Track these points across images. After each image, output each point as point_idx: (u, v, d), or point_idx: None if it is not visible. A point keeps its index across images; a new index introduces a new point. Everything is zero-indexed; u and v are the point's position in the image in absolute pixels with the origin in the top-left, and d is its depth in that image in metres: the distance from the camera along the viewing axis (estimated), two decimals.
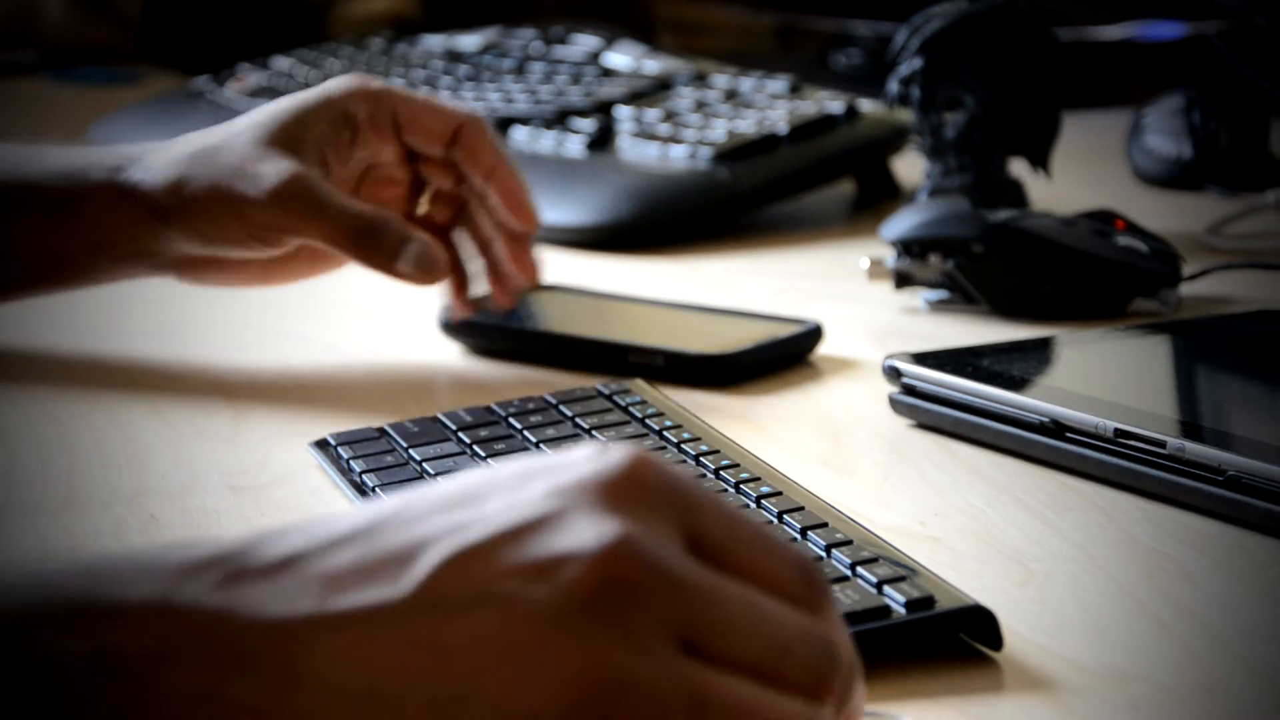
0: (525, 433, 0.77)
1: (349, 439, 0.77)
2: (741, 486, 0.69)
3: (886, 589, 0.60)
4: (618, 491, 0.45)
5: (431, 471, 0.74)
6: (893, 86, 1.16)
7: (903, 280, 1.03)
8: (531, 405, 0.80)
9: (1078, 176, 1.31)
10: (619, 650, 0.43)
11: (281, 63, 1.56)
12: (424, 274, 0.83)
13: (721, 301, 1.00)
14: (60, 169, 0.86)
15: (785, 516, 0.66)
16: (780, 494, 0.68)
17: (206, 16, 1.97)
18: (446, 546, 0.44)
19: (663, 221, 1.19)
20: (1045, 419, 0.78)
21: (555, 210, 1.20)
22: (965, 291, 1.01)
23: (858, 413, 0.86)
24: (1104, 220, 1.04)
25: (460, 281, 0.91)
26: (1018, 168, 1.18)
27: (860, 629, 0.58)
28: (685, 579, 0.45)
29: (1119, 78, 1.73)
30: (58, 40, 1.93)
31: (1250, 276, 1.08)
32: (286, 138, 0.84)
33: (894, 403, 0.84)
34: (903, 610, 0.59)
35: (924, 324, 1.01)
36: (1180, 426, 0.75)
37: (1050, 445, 0.78)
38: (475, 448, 0.76)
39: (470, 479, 0.47)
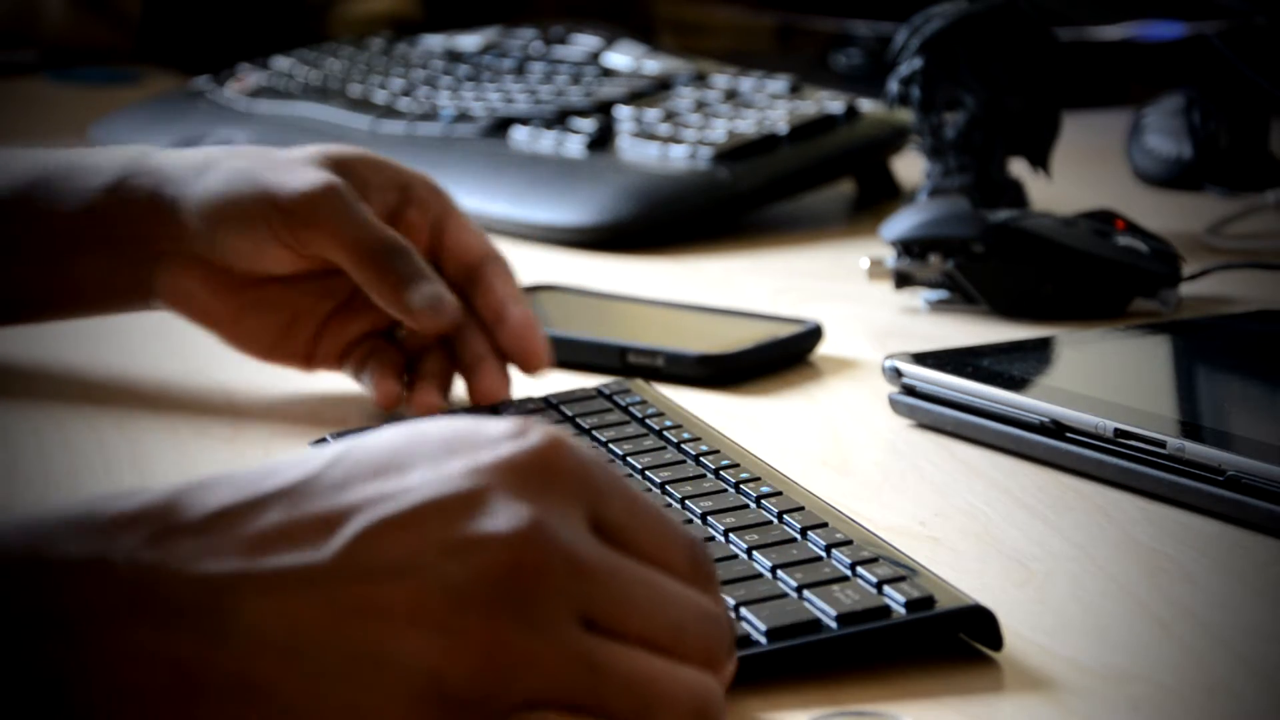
0: None
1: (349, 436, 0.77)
2: (742, 486, 0.69)
3: (886, 589, 0.60)
4: (532, 475, 0.49)
5: None
6: (893, 86, 1.16)
7: (903, 280, 1.03)
8: (530, 406, 0.80)
9: (1078, 176, 1.31)
10: (524, 627, 0.47)
11: (281, 63, 1.56)
12: (430, 315, 0.80)
13: (721, 301, 1.00)
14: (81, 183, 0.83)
15: (785, 516, 0.66)
16: (780, 494, 0.68)
17: (206, 16, 1.97)
18: (370, 516, 0.47)
19: (663, 221, 1.19)
20: (1045, 419, 0.78)
21: (555, 210, 1.20)
22: (965, 291, 1.01)
23: (858, 413, 0.86)
24: (1104, 220, 1.04)
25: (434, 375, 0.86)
26: (1018, 168, 1.18)
27: (860, 629, 0.58)
28: (590, 562, 0.48)
29: (1119, 78, 1.73)
30: (58, 40, 1.93)
31: (1250, 276, 1.08)
32: (336, 165, 0.83)
33: (894, 403, 0.84)
34: (903, 610, 0.59)
35: (924, 324, 1.01)
36: (1180, 426, 0.75)
37: (1050, 445, 0.78)
38: None
39: (397, 441, 0.50)
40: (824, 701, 0.56)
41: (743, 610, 0.58)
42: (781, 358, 0.92)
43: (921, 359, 0.84)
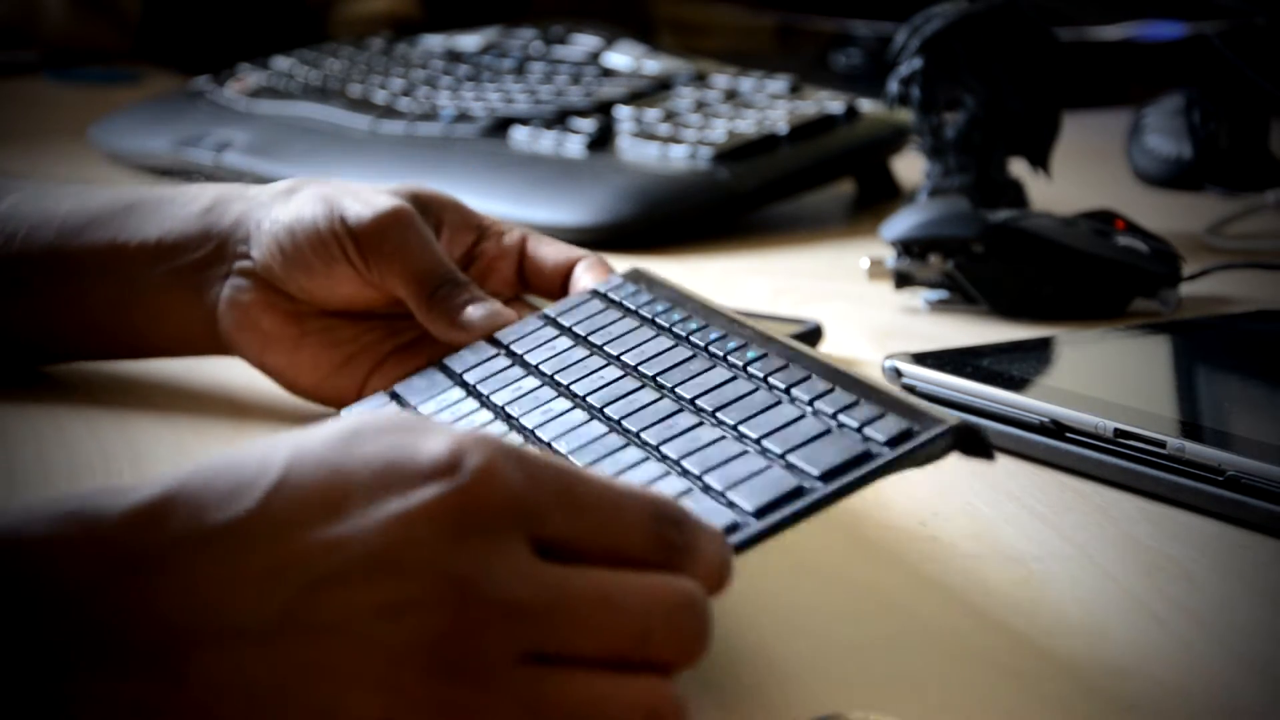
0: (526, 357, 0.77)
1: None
2: (729, 357, 0.70)
3: (866, 430, 0.59)
4: (463, 518, 0.49)
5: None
6: (893, 86, 1.16)
7: (903, 280, 1.03)
8: (530, 328, 0.80)
9: (1078, 176, 1.31)
10: (464, 683, 0.48)
11: (281, 63, 1.56)
12: (487, 318, 0.80)
13: (721, 301, 0.99)
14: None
15: (771, 378, 0.66)
16: (765, 355, 0.68)
17: (206, 16, 1.98)
18: (306, 574, 0.48)
19: (663, 221, 1.19)
20: (1045, 419, 0.78)
21: (555, 210, 1.20)
22: (965, 291, 1.01)
23: None
24: (1104, 220, 1.04)
25: None
26: (1018, 168, 1.18)
27: (845, 481, 0.57)
28: (527, 605, 0.49)
29: (1119, 78, 1.74)
30: (58, 40, 1.93)
31: (1250, 276, 1.08)
32: (414, 199, 0.83)
33: None
34: (885, 449, 0.58)
35: (924, 324, 1.01)
36: (1180, 426, 0.75)
37: (1050, 445, 0.78)
38: (478, 387, 0.76)
39: (332, 461, 0.50)
40: (824, 702, 0.56)
41: (730, 494, 0.58)
42: None
43: (921, 359, 0.84)
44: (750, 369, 0.68)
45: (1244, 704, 0.58)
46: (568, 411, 0.70)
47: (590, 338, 0.77)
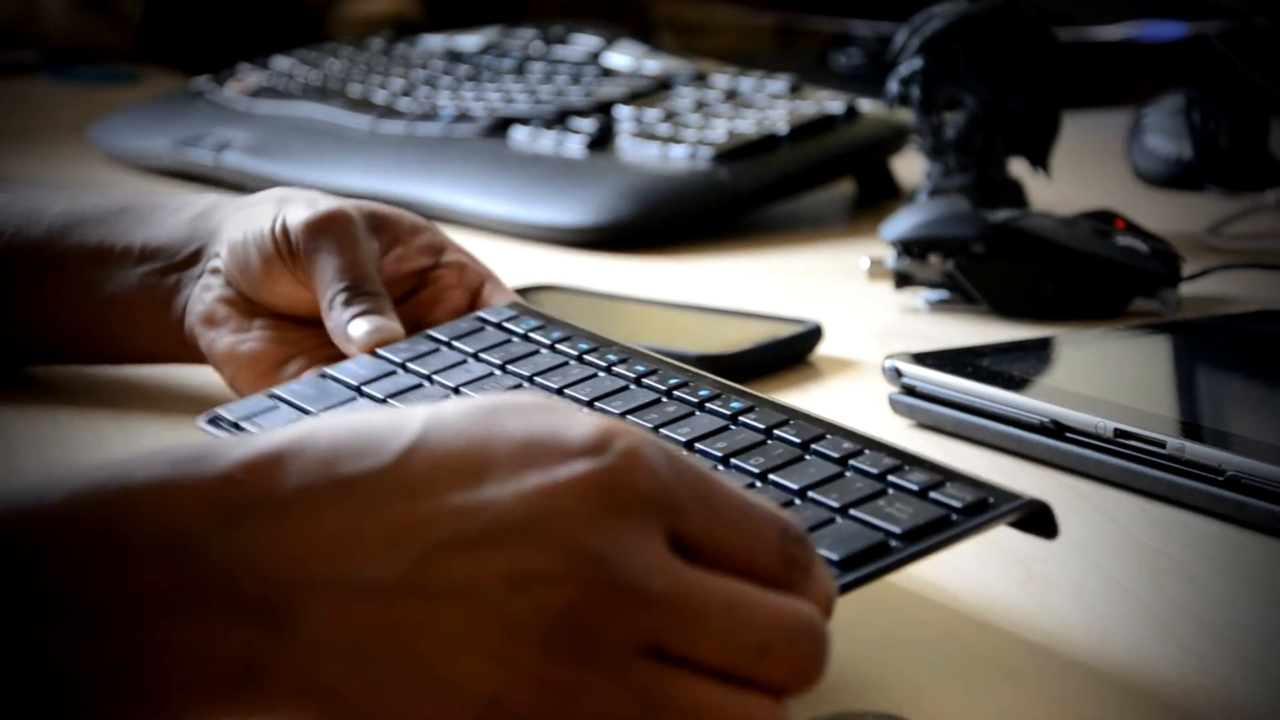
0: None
1: (246, 413, 0.76)
2: (708, 404, 0.68)
3: (934, 495, 0.58)
4: (606, 499, 0.48)
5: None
6: (893, 86, 1.16)
7: (903, 280, 1.03)
8: (424, 349, 0.79)
9: (1078, 176, 1.31)
10: (581, 663, 0.47)
11: (281, 63, 1.56)
12: (372, 335, 0.79)
13: (721, 301, 1.00)
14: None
15: (775, 431, 0.65)
16: (754, 408, 0.67)
17: (206, 16, 1.97)
18: (437, 534, 0.48)
19: (663, 221, 1.19)
20: (1045, 419, 0.78)
21: (555, 210, 1.20)
22: (965, 291, 1.01)
23: (858, 413, 0.86)
24: (1104, 220, 1.04)
25: None
26: (1018, 168, 1.18)
27: (929, 543, 0.56)
28: (656, 594, 0.48)
29: (1119, 78, 1.73)
30: (58, 40, 1.93)
31: (1250, 276, 1.08)
32: (372, 216, 0.83)
33: (894, 403, 0.84)
34: (962, 519, 0.57)
35: (924, 324, 1.01)
36: (1180, 426, 0.75)
37: (1050, 445, 0.78)
38: (390, 401, 0.75)
39: (477, 431, 0.49)
40: (825, 701, 0.56)
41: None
42: (781, 358, 0.92)
43: (921, 359, 0.84)
44: (742, 419, 0.66)
45: (1245, 704, 0.58)
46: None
47: (510, 366, 0.75)
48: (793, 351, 0.92)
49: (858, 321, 1.00)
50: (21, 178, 1.06)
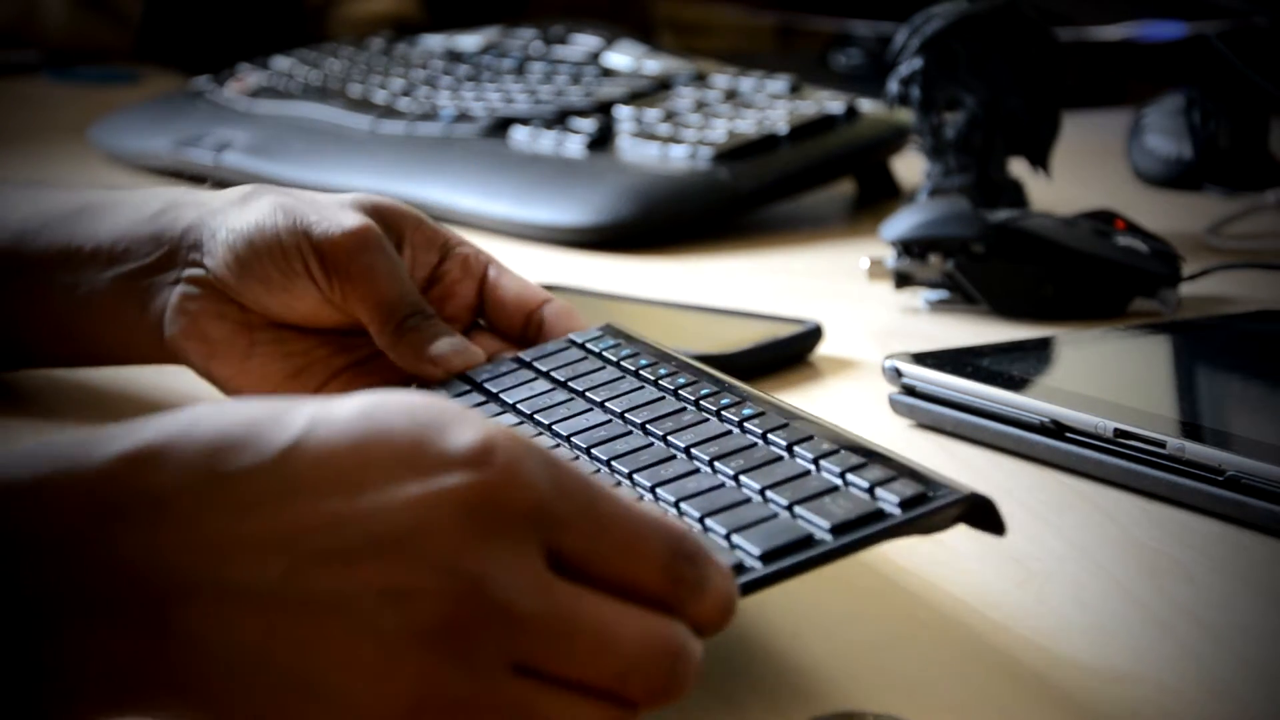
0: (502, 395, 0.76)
1: None
2: (724, 413, 0.68)
3: (879, 491, 0.58)
4: (484, 514, 0.48)
5: None
6: (893, 86, 1.16)
7: (903, 280, 1.03)
8: (504, 369, 0.78)
9: (1078, 176, 1.31)
10: (453, 677, 0.47)
11: (281, 63, 1.56)
12: (455, 356, 0.78)
13: (721, 301, 1.00)
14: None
15: (770, 435, 0.65)
16: (763, 413, 0.67)
17: (206, 16, 1.97)
18: (314, 544, 0.47)
19: (663, 221, 1.19)
20: (1045, 419, 0.78)
21: (555, 210, 1.20)
22: (965, 291, 1.01)
23: (858, 413, 0.86)
24: (1104, 220, 1.04)
25: None
26: (1018, 168, 1.18)
27: (855, 536, 0.57)
28: (527, 616, 0.48)
29: (1119, 78, 1.73)
30: (58, 40, 1.93)
31: (1250, 276, 1.08)
32: (378, 214, 0.80)
33: (894, 403, 0.84)
34: (897, 510, 0.58)
35: (924, 324, 1.01)
36: (1180, 426, 0.75)
37: (1050, 445, 0.78)
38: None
39: (357, 434, 0.49)
40: (826, 701, 0.56)
41: (735, 538, 0.57)
42: (781, 358, 0.92)
43: (921, 359, 0.84)
44: (747, 425, 0.66)
45: (1245, 704, 0.58)
46: (553, 448, 0.69)
47: (571, 383, 0.75)
48: (793, 351, 0.92)
49: (858, 321, 1.00)
50: (22, 178, 1.06)
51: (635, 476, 0.64)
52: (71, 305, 0.81)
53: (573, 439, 0.69)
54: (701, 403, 0.70)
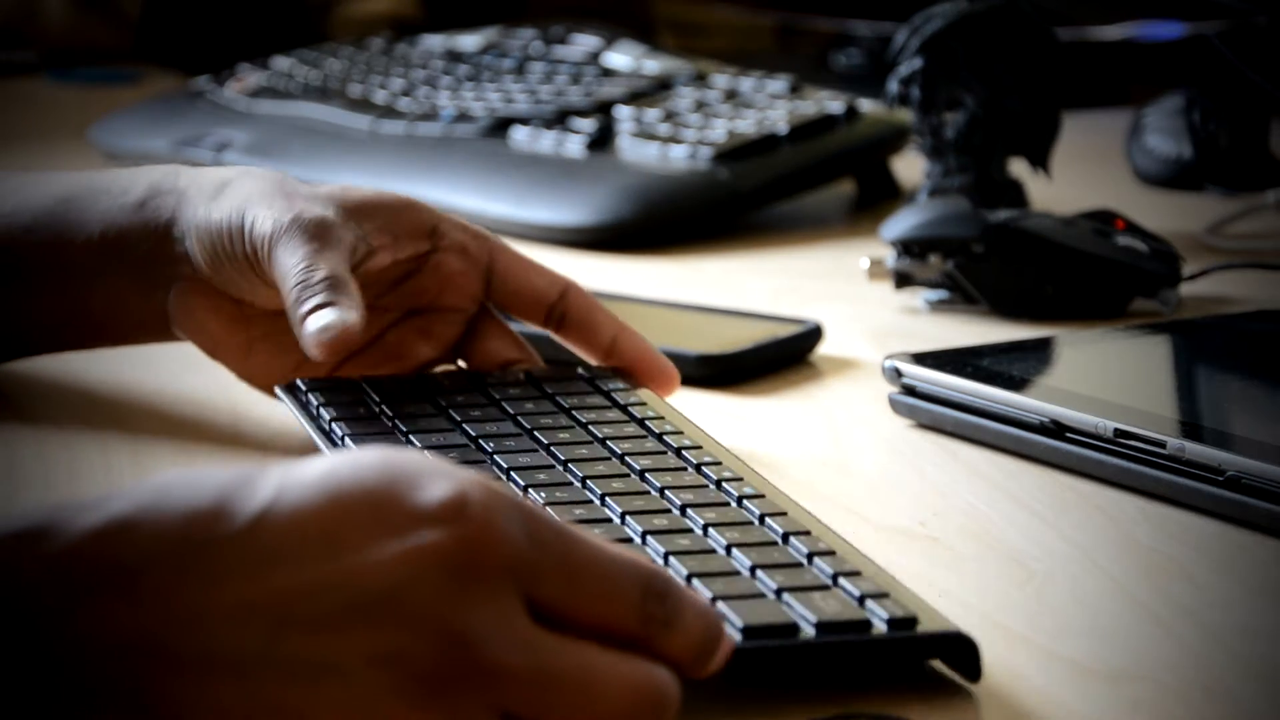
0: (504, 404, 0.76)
1: (321, 386, 0.76)
2: (724, 484, 0.68)
3: (869, 603, 0.58)
4: (460, 569, 0.48)
5: (404, 428, 0.73)
6: (893, 86, 1.16)
7: (903, 280, 1.03)
8: (511, 380, 0.79)
9: (1078, 176, 1.31)
10: None
11: (281, 63, 1.56)
12: (318, 336, 0.74)
13: (721, 301, 1.00)
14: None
15: (768, 519, 0.64)
16: (763, 496, 0.67)
17: (206, 16, 1.97)
18: (294, 610, 0.47)
19: (663, 221, 1.19)
20: (1045, 419, 0.78)
21: (555, 210, 1.20)
22: (965, 291, 1.01)
23: (858, 413, 0.86)
24: (1104, 220, 1.04)
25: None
26: (1018, 168, 1.18)
27: (839, 639, 0.56)
28: (513, 670, 0.48)
29: (1119, 78, 1.73)
30: (58, 40, 1.93)
31: (1250, 276, 1.08)
32: (355, 208, 0.79)
33: (894, 403, 0.84)
34: (884, 627, 0.57)
35: (924, 324, 1.01)
36: (1180, 426, 0.75)
37: (1050, 445, 0.78)
38: (451, 412, 0.75)
39: (327, 495, 0.48)
40: (824, 703, 0.56)
41: (719, 605, 0.57)
42: (781, 358, 0.92)
43: (921, 359, 0.84)
44: (746, 503, 0.66)
45: (1244, 704, 0.58)
46: (545, 468, 0.69)
47: (575, 412, 0.75)
48: (793, 351, 0.92)
49: (858, 321, 1.00)
50: None
51: (627, 519, 0.64)
52: (76, 295, 0.81)
53: (570, 465, 0.69)
54: (704, 469, 0.70)
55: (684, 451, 0.71)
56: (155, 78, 1.82)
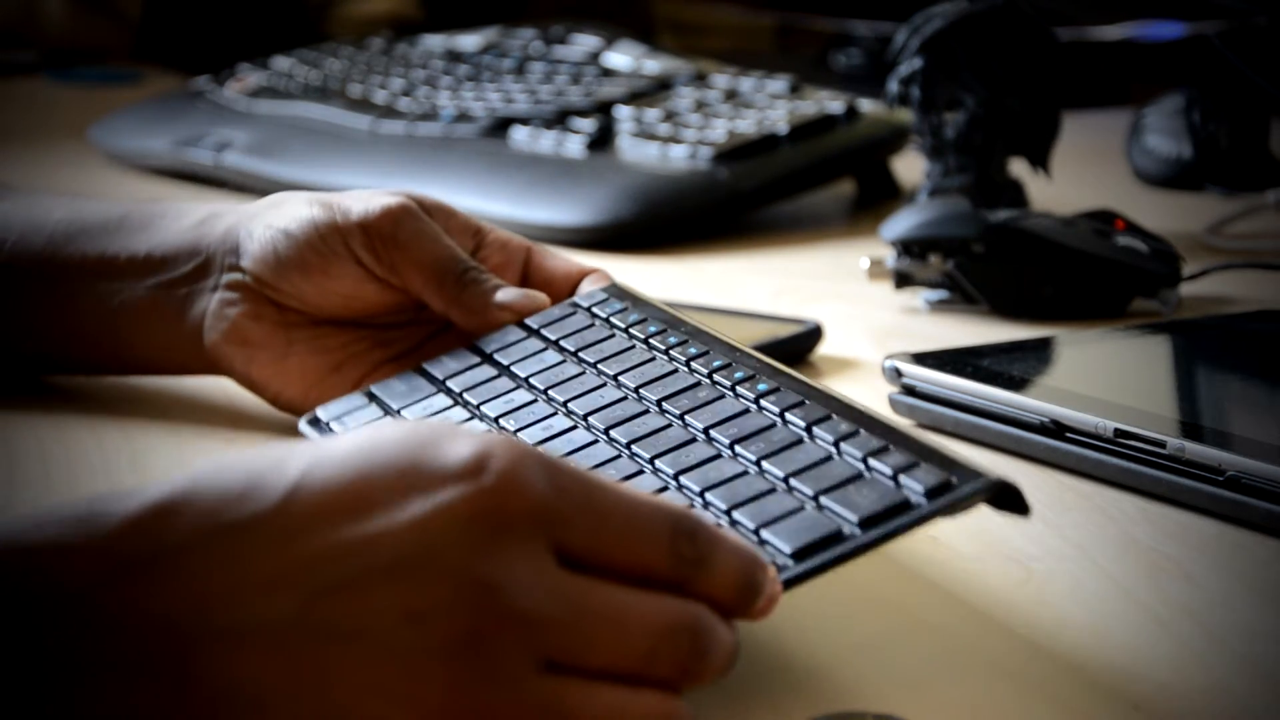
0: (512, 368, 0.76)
1: (339, 412, 0.76)
2: (739, 389, 0.68)
3: (902, 479, 0.58)
4: (487, 523, 0.49)
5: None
6: (893, 86, 1.16)
7: (903, 280, 1.03)
8: (512, 339, 0.78)
9: (1078, 176, 1.31)
10: (480, 688, 0.48)
11: (281, 63, 1.56)
12: (524, 300, 0.79)
13: (721, 301, 1.00)
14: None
15: (788, 414, 0.64)
16: (778, 389, 0.66)
17: (206, 16, 1.98)
18: (326, 576, 0.48)
19: (663, 221, 1.19)
20: (1045, 419, 0.78)
21: (555, 210, 1.20)
22: (965, 291, 1.01)
23: None
24: (1104, 220, 1.04)
25: None
26: (1018, 168, 1.18)
27: (885, 530, 0.56)
28: (546, 616, 0.49)
29: (1119, 78, 1.73)
30: (58, 40, 1.93)
31: (1250, 276, 1.08)
32: (408, 198, 0.81)
33: (894, 403, 0.84)
34: (923, 500, 0.57)
35: (924, 324, 1.01)
36: (1180, 426, 0.75)
37: (1050, 445, 0.78)
38: (465, 396, 0.75)
39: (356, 464, 0.50)
40: (827, 701, 0.56)
41: (764, 533, 0.57)
42: (781, 358, 0.91)
43: (921, 359, 0.84)
44: (763, 402, 0.66)
45: (1244, 704, 0.58)
46: (569, 430, 0.69)
47: (581, 353, 0.75)
48: (793, 351, 0.92)
49: (858, 321, 1.00)
50: (22, 178, 1.06)
51: (656, 463, 0.64)
52: (108, 314, 0.82)
53: (589, 419, 0.69)
54: (715, 376, 0.69)
55: (694, 363, 0.71)
56: (155, 78, 1.82)
